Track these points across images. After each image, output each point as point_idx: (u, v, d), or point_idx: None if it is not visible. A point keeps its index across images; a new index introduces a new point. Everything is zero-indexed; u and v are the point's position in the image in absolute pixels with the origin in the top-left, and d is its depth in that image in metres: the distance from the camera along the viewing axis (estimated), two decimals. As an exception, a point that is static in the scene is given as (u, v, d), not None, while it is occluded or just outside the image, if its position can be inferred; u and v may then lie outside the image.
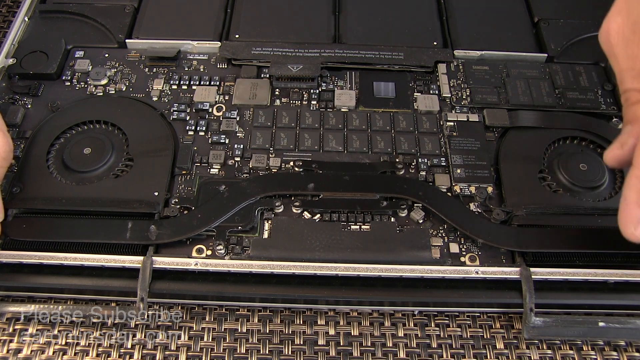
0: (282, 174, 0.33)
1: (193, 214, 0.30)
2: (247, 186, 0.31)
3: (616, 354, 0.28)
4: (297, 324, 0.29)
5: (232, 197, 0.31)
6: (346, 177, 0.31)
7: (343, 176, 0.31)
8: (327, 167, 0.33)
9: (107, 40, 0.39)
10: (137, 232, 0.29)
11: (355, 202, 0.31)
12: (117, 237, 0.29)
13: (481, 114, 0.35)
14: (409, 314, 0.29)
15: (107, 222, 0.30)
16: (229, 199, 0.30)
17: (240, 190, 0.31)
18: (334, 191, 0.31)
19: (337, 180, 0.31)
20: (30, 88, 0.36)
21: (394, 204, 0.31)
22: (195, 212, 0.30)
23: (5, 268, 0.29)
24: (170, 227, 0.30)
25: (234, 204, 0.30)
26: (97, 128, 0.34)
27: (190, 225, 0.30)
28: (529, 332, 0.28)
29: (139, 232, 0.29)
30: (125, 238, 0.29)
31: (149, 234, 0.29)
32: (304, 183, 0.31)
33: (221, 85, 0.37)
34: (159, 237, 0.29)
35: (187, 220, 0.30)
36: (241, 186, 0.31)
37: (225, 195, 0.31)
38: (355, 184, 0.31)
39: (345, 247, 0.29)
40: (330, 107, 0.36)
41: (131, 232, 0.29)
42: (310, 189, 0.31)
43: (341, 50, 0.38)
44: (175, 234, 0.29)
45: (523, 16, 0.41)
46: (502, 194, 0.32)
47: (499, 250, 0.30)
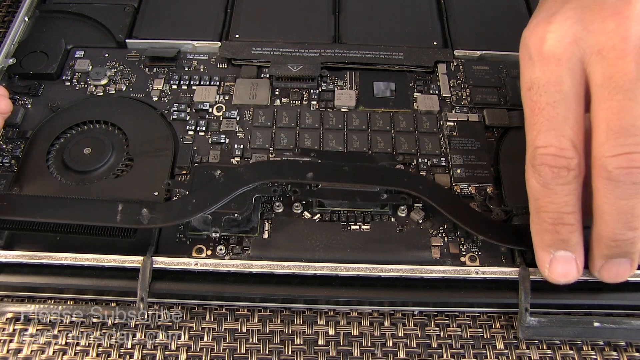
0: (280, 162, 0.32)
1: (187, 198, 0.29)
2: (244, 172, 0.30)
3: (616, 354, 0.28)
4: (297, 324, 0.29)
5: (228, 183, 0.30)
6: (346, 168, 0.31)
7: (343, 167, 0.31)
8: (326, 156, 0.32)
9: (107, 40, 0.39)
10: (128, 215, 0.28)
11: (355, 193, 0.30)
12: (107, 220, 0.28)
13: (481, 114, 0.35)
14: (409, 314, 0.29)
15: (96, 203, 0.29)
16: (225, 185, 0.29)
17: (236, 176, 0.30)
18: (334, 181, 0.30)
19: (337, 170, 0.31)
20: (30, 88, 0.36)
21: (394, 196, 0.31)
22: (190, 197, 0.29)
23: (5, 268, 0.29)
24: (163, 212, 0.29)
25: (230, 190, 0.29)
26: (97, 128, 0.34)
27: (185, 211, 0.29)
28: (523, 332, 0.28)
29: (130, 215, 0.28)
30: (115, 221, 0.28)
31: (141, 217, 0.28)
32: (303, 172, 0.30)
33: (221, 85, 0.37)
34: (151, 221, 0.28)
35: (181, 205, 0.29)
36: (238, 172, 0.30)
37: (221, 180, 0.30)
38: (355, 175, 0.30)
39: (345, 247, 0.29)
40: (330, 107, 0.36)
41: (122, 215, 0.28)
42: (309, 178, 0.30)
43: (341, 50, 0.38)
44: (168, 219, 0.28)
45: (523, 16, 0.41)
46: (502, 194, 0.32)
47: (499, 250, 0.30)
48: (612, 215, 0.24)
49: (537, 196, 0.26)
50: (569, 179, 0.25)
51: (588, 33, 0.25)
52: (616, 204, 0.24)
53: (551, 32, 0.26)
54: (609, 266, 0.27)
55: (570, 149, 0.25)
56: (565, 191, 0.25)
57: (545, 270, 0.27)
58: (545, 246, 0.27)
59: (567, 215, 0.26)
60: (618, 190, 0.24)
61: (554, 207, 0.26)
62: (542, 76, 0.26)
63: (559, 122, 0.25)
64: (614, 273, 0.27)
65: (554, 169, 0.25)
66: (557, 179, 0.25)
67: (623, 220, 0.24)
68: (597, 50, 0.25)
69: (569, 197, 0.26)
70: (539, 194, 0.26)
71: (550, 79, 0.26)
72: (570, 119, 0.25)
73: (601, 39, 0.25)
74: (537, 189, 0.26)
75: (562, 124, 0.25)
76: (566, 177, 0.25)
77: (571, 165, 0.25)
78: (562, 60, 0.26)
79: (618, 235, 0.25)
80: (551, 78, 0.26)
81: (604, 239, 0.25)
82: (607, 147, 0.24)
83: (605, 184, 0.24)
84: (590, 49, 0.25)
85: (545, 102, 0.26)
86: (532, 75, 0.26)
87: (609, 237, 0.25)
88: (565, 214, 0.26)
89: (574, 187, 0.25)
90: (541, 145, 0.26)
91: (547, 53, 0.26)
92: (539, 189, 0.26)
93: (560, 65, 0.26)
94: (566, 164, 0.25)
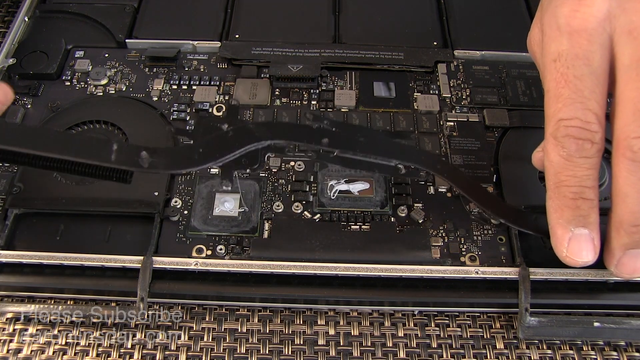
0: (293, 124, 0.30)
1: (193, 146, 0.26)
2: (255, 129, 0.27)
3: (616, 354, 0.28)
4: (297, 324, 0.29)
5: (238, 137, 0.26)
6: (362, 139, 0.28)
7: (359, 137, 0.28)
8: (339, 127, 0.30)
9: (107, 40, 0.39)
10: (124, 155, 0.25)
11: (373, 165, 0.28)
12: (100, 158, 0.25)
13: (481, 114, 0.35)
14: (409, 314, 0.29)
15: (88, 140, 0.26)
16: (235, 139, 0.26)
17: (247, 132, 0.27)
18: (350, 149, 0.28)
19: (353, 139, 0.28)
20: (30, 88, 0.36)
21: (412, 172, 0.29)
22: (197, 145, 0.26)
23: (5, 268, 0.29)
24: (166, 157, 0.26)
25: (240, 145, 0.26)
26: (97, 128, 0.34)
27: (190, 158, 0.26)
28: (523, 332, 0.28)
29: (127, 156, 0.25)
30: (109, 160, 0.25)
31: (140, 160, 0.25)
32: (319, 136, 0.28)
33: (221, 85, 0.37)
34: (152, 165, 0.25)
35: (187, 151, 0.26)
36: (248, 128, 0.27)
37: (230, 134, 0.27)
38: (372, 147, 0.28)
39: (345, 247, 0.29)
40: (330, 107, 0.36)
41: (117, 155, 0.25)
42: (324, 144, 0.27)
43: (341, 50, 0.38)
44: (172, 165, 0.26)
45: (523, 16, 0.41)
46: (502, 194, 0.32)
47: (499, 250, 0.30)
48: (635, 199, 0.24)
49: (558, 169, 0.26)
50: (593, 152, 0.25)
51: (622, 11, 0.25)
52: (639, 186, 0.24)
53: (585, 5, 0.25)
54: (626, 259, 0.26)
55: (595, 122, 0.25)
56: (587, 164, 0.25)
57: (564, 250, 0.26)
58: (564, 222, 0.26)
59: (588, 190, 0.25)
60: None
61: (575, 181, 0.25)
62: (570, 49, 0.25)
63: (585, 96, 0.25)
64: (632, 267, 0.26)
65: (579, 141, 0.25)
66: (580, 152, 0.25)
67: None
68: (628, 30, 0.24)
69: (590, 170, 0.25)
70: (560, 167, 0.25)
71: (579, 53, 0.25)
72: (597, 93, 0.25)
73: (634, 18, 0.24)
74: (558, 161, 0.25)
75: (588, 98, 0.25)
76: (590, 150, 0.25)
77: (595, 139, 0.25)
78: (593, 36, 0.25)
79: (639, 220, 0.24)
80: (580, 52, 0.25)
81: (625, 224, 0.25)
82: (633, 128, 0.23)
83: (629, 165, 0.24)
84: (621, 27, 0.25)
85: (573, 75, 0.25)
86: (559, 47, 0.26)
87: (630, 222, 0.25)
88: (587, 188, 0.25)
89: (595, 162, 0.25)
90: (566, 117, 0.25)
91: (579, 27, 0.25)
92: (561, 162, 0.25)
93: (591, 41, 0.25)
94: (590, 137, 0.25)
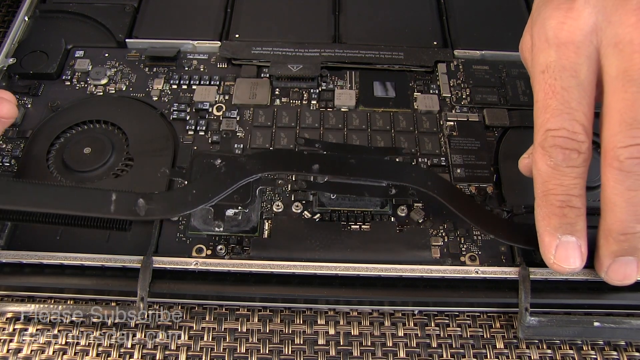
0: (284, 152, 0.31)
1: (187, 189, 0.28)
2: (246, 162, 0.28)
3: (616, 353, 0.28)
4: (297, 324, 0.29)
5: (229, 173, 0.28)
6: (352, 161, 0.29)
7: (349, 159, 0.29)
8: (331, 148, 0.31)
9: (107, 40, 0.39)
10: (122, 205, 0.26)
11: (364, 187, 0.30)
12: (100, 210, 0.26)
13: (481, 114, 0.35)
14: (409, 314, 0.29)
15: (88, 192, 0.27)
16: (227, 175, 0.28)
17: (239, 166, 0.28)
18: (340, 174, 0.29)
19: (343, 163, 0.29)
20: (30, 88, 0.36)
21: (404, 192, 0.30)
22: (190, 187, 0.28)
23: (5, 268, 0.29)
24: (161, 202, 0.27)
25: (232, 181, 0.27)
26: (97, 128, 0.34)
27: (185, 202, 0.27)
28: (524, 332, 0.28)
29: (125, 206, 0.26)
30: (109, 212, 0.26)
31: (137, 208, 0.26)
32: (309, 163, 0.29)
33: (221, 85, 0.37)
34: (149, 213, 0.26)
35: (181, 195, 0.27)
36: (240, 162, 0.28)
37: (222, 170, 0.28)
38: (362, 169, 0.29)
39: (345, 247, 0.29)
40: (330, 107, 0.36)
41: (116, 205, 0.26)
42: (314, 170, 0.28)
43: (341, 50, 0.38)
44: (168, 210, 0.27)
45: (523, 16, 0.41)
46: (502, 194, 0.32)
47: (499, 250, 0.30)
48: (622, 207, 0.24)
49: (545, 179, 0.26)
50: (579, 162, 0.25)
51: (608, 24, 0.25)
52: (626, 195, 0.24)
53: (572, 18, 0.26)
54: (616, 266, 0.26)
55: (582, 133, 0.25)
56: (574, 174, 0.26)
57: (551, 257, 0.26)
58: (552, 230, 0.26)
59: (575, 198, 0.26)
60: (629, 181, 0.24)
61: (562, 189, 0.26)
62: (558, 61, 0.26)
63: (572, 107, 0.25)
64: (622, 274, 0.27)
65: (566, 151, 0.25)
66: (567, 161, 0.25)
67: (633, 212, 0.24)
68: (615, 42, 0.25)
69: (577, 180, 0.26)
70: (547, 176, 0.26)
71: (567, 65, 0.26)
72: (583, 104, 0.25)
73: (620, 31, 0.24)
74: (545, 171, 0.26)
75: (575, 109, 0.25)
76: (576, 160, 0.25)
77: (582, 149, 0.25)
78: (580, 49, 0.25)
79: (628, 228, 0.25)
80: (567, 64, 0.26)
81: (613, 232, 0.25)
82: (619, 138, 0.24)
83: (616, 174, 0.24)
84: (607, 40, 0.25)
85: (560, 87, 0.26)
86: (547, 58, 0.26)
87: (618, 231, 0.25)
88: (574, 196, 0.26)
89: (582, 171, 0.26)
90: (553, 127, 0.26)
91: (566, 39, 0.26)
92: (548, 172, 0.26)
93: (578, 53, 0.25)
94: (577, 147, 0.25)
